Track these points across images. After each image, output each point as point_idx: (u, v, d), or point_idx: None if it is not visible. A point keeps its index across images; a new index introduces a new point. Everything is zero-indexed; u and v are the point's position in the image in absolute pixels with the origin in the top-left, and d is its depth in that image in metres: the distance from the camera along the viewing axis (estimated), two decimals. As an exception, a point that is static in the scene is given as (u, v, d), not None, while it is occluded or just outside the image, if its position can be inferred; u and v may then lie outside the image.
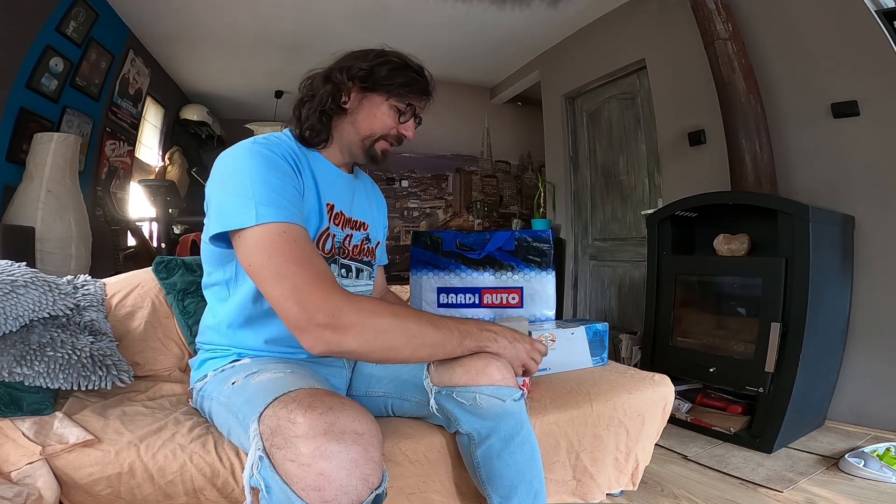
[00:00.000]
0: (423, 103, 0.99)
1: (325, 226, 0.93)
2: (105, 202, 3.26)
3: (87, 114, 2.94)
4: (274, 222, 0.74)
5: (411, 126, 0.98)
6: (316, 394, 0.65)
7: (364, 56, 0.94)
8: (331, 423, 0.58)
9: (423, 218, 4.50)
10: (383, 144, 0.97)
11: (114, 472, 0.81)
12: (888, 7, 1.85)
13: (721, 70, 2.09)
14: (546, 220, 3.57)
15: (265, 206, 0.75)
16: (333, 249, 0.96)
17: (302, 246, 0.75)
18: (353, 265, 1.02)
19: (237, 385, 0.81)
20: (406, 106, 0.95)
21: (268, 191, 0.76)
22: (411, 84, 0.94)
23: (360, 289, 1.05)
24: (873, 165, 1.87)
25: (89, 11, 2.74)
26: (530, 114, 4.67)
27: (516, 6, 3.08)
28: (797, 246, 1.68)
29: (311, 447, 0.56)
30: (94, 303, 1.22)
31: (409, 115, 0.96)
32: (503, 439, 0.86)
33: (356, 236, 1.02)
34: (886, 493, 1.35)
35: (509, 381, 0.86)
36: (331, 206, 0.95)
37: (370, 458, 0.59)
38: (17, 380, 0.92)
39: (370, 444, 0.60)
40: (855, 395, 1.87)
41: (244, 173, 0.78)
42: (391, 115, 0.95)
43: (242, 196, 0.76)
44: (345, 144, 0.97)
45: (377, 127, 0.95)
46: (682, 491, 1.42)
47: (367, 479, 0.58)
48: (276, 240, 0.73)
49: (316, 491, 0.55)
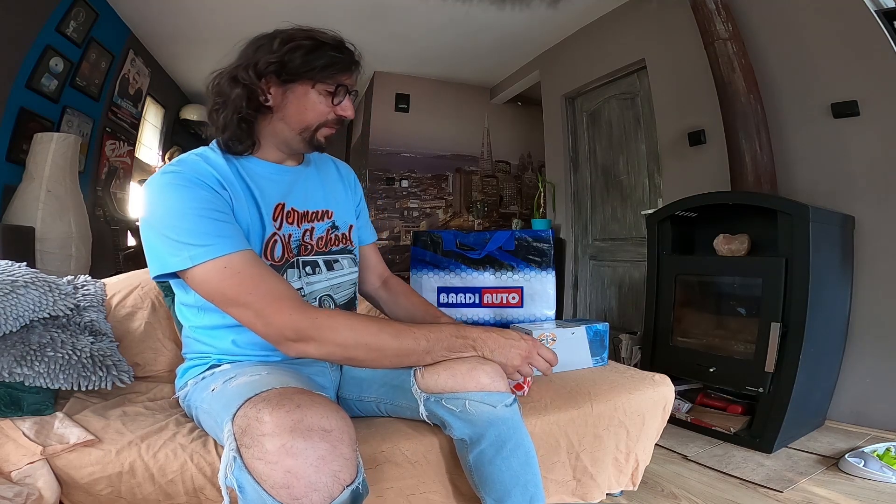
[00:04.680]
0: (352, 78, 0.91)
1: (271, 232, 0.89)
2: (105, 202, 3.26)
3: (87, 114, 2.94)
4: (210, 260, 0.74)
5: (348, 105, 0.91)
6: (286, 392, 0.65)
7: (268, 45, 0.86)
8: (297, 421, 0.59)
9: (423, 218, 4.50)
10: (325, 131, 0.91)
11: (114, 471, 0.81)
12: (888, 7, 1.85)
13: (721, 70, 2.09)
14: (546, 220, 3.57)
15: (194, 247, 0.74)
16: (287, 252, 0.92)
17: (249, 273, 0.75)
18: (320, 259, 0.98)
19: (216, 391, 0.81)
20: (336, 87, 0.88)
21: (191, 229, 0.75)
22: (334, 64, 0.86)
23: (340, 280, 1.01)
24: (873, 165, 1.87)
25: (89, 11, 2.74)
26: (530, 114, 4.67)
27: (516, 6, 3.08)
28: (797, 246, 1.68)
29: (277, 444, 0.57)
30: (95, 303, 1.22)
31: (342, 95, 0.89)
32: (495, 445, 0.83)
33: (319, 227, 0.98)
34: (886, 493, 1.35)
35: (500, 385, 0.84)
36: (280, 207, 0.91)
37: (339, 454, 0.59)
38: (17, 380, 0.92)
39: (339, 440, 0.60)
40: (855, 395, 1.87)
41: (163, 212, 0.77)
42: (323, 101, 0.88)
43: (170, 238, 0.75)
44: (281, 141, 0.92)
45: (311, 118, 0.88)
46: (682, 491, 1.42)
47: (338, 476, 0.58)
48: (220, 276, 0.74)
49: (285, 488, 0.55)
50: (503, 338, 0.87)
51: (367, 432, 0.93)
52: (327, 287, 0.98)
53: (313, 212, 0.98)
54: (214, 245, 0.75)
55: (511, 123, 4.87)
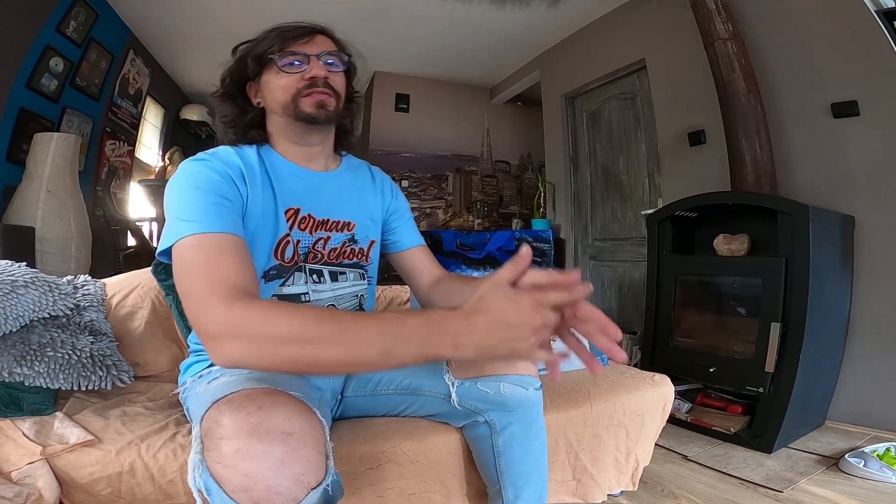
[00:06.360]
0: (307, 40, 0.87)
1: (285, 232, 0.88)
2: (105, 202, 3.26)
3: (87, 114, 2.94)
4: (186, 236, 0.69)
5: (315, 65, 0.86)
6: (252, 394, 0.63)
7: (227, 65, 0.92)
8: (256, 424, 0.57)
9: (423, 218, 4.50)
10: (307, 101, 0.86)
11: (114, 471, 0.81)
12: (888, 7, 1.85)
13: (721, 70, 2.09)
14: (546, 220, 3.57)
15: (183, 222, 0.71)
16: (296, 256, 0.90)
17: (207, 252, 0.67)
18: (325, 270, 0.95)
19: (200, 393, 0.81)
20: (293, 56, 0.85)
21: (187, 206, 0.73)
22: (278, 37, 0.86)
23: (343, 291, 0.98)
24: (873, 165, 1.87)
25: (89, 11, 2.74)
26: (530, 114, 4.67)
27: (516, 6, 3.08)
28: (797, 246, 1.68)
29: (234, 448, 0.56)
30: (94, 303, 1.22)
31: (302, 60, 0.86)
32: (524, 426, 0.90)
33: (335, 238, 0.95)
34: (886, 493, 1.35)
35: (531, 369, 0.90)
36: (294, 211, 0.89)
37: (301, 456, 0.57)
38: (17, 380, 0.92)
39: (301, 443, 0.58)
40: (855, 395, 1.87)
41: (174, 195, 0.76)
42: (285, 76, 0.86)
43: (171, 217, 0.74)
44: (280, 131, 0.91)
45: (280, 94, 0.86)
46: (682, 491, 1.41)
47: (301, 479, 0.57)
48: (185, 254, 0.68)
49: (245, 492, 0.55)
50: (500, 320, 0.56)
51: (369, 432, 0.93)
52: (331, 297, 0.96)
53: (333, 221, 0.95)
54: (200, 222, 0.70)
55: (511, 123, 4.87)
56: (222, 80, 0.92)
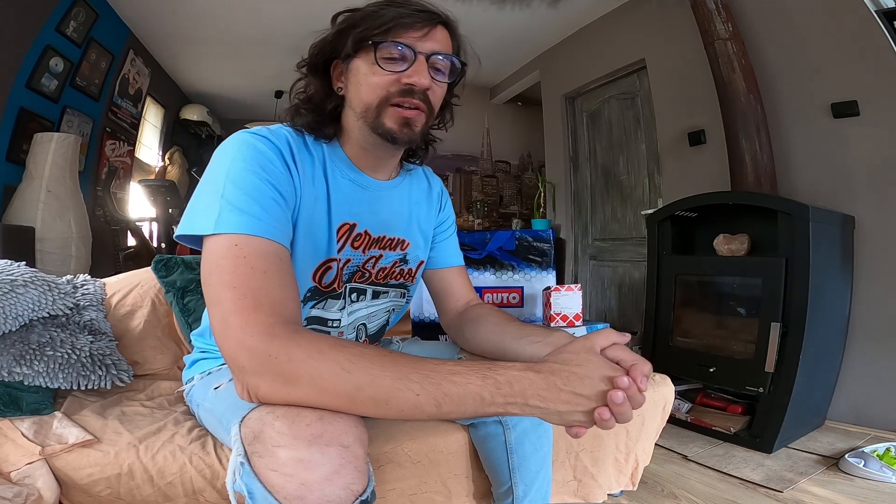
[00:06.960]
0: (423, 32, 0.71)
1: (332, 255, 0.78)
2: (105, 202, 3.26)
3: (87, 114, 2.94)
4: (230, 233, 0.60)
5: (420, 68, 0.70)
6: None
7: (322, 34, 0.76)
8: (317, 435, 0.56)
9: (423, 218, 4.50)
10: (395, 112, 0.71)
11: (113, 473, 0.81)
12: (888, 7, 1.85)
13: (721, 70, 2.09)
14: (546, 220, 3.57)
15: (229, 212, 0.61)
16: (337, 281, 0.80)
17: (251, 264, 0.59)
18: (369, 289, 0.86)
19: (220, 389, 0.79)
20: (398, 49, 0.70)
21: (239, 192, 0.63)
22: (393, 18, 0.69)
23: (377, 308, 0.90)
24: (873, 165, 1.87)
25: (89, 11, 2.74)
26: (530, 114, 4.67)
27: (516, 6, 3.08)
28: (797, 246, 1.68)
29: (293, 457, 0.54)
30: (94, 302, 1.22)
31: (407, 56, 0.70)
32: (534, 421, 0.89)
33: (388, 257, 0.85)
34: (886, 493, 1.35)
35: None
36: (350, 226, 0.78)
37: (354, 467, 0.57)
38: (16, 379, 0.92)
39: (355, 455, 0.58)
40: (855, 395, 1.87)
41: (223, 169, 0.65)
42: (379, 72, 0.70)
43: (213, 195, 0.64)
44: (350, 134, 0.78)
45: (365, 92, 0.72)
46: (682, 491, 1.41)
47: (350, 488, 0.56)
48: (224, 254, 0.60)
49: (298, 500, 0.54)
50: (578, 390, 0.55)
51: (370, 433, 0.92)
52: (365, 315, 0.89)
53: (389, 238, 0.85)
54: (250, 217, 0.62)
55: (511, 123, 4.87)
56: (311, 50, 0.77)
